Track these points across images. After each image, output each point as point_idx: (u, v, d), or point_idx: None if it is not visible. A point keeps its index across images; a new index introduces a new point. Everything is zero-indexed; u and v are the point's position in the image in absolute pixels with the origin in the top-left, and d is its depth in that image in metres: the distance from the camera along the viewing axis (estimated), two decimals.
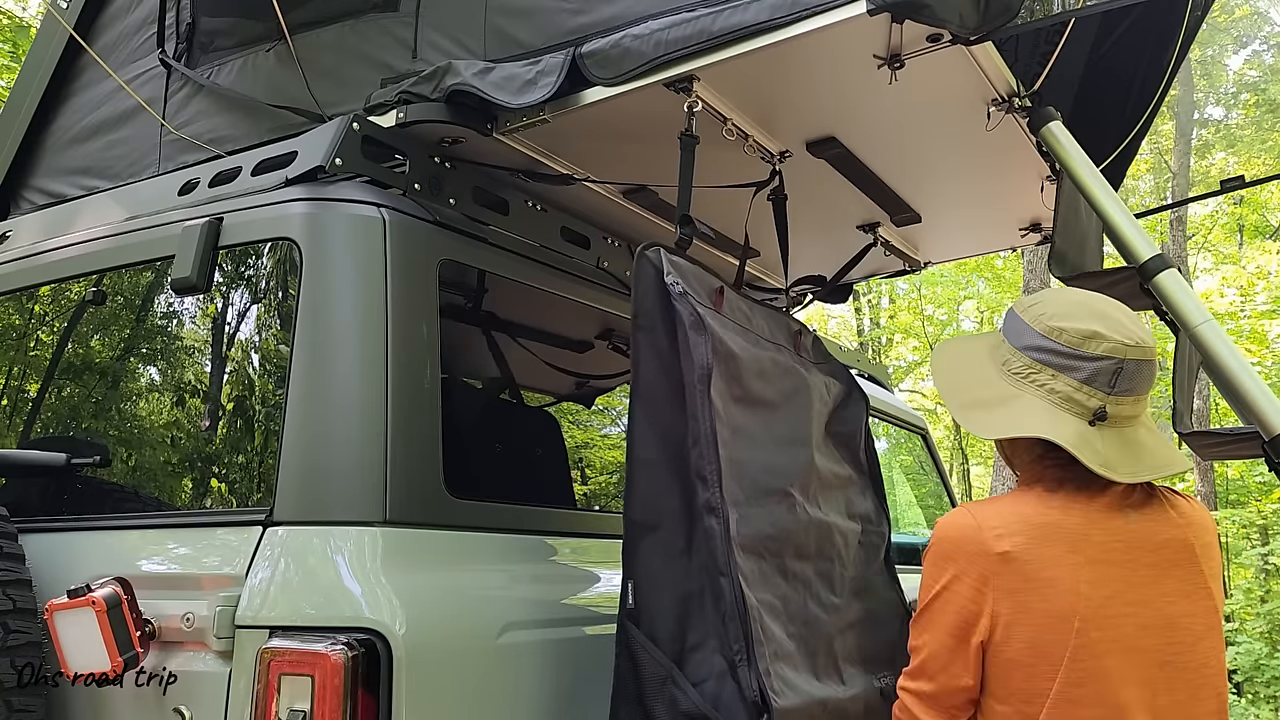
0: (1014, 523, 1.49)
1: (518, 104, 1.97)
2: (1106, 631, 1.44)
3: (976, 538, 1.48)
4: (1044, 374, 1.56)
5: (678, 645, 1.68)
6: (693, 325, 1.74)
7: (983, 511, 1.52)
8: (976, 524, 1.50)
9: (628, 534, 1.71)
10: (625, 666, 1.67)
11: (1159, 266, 1.94)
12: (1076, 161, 2.12)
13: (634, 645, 1.66)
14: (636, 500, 1.72)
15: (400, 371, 1.74)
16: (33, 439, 2.19)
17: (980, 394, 1.62)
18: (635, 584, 1.69)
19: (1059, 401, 1.54)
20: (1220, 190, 2.85)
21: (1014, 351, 1.60)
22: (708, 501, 1.68)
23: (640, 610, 1.68)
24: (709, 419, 1.71)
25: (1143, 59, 2.79)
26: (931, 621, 1.52)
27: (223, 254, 1.93)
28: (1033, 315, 1.60)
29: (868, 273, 3.30)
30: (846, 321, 20.00)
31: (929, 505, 4.41)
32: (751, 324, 2.07)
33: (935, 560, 1.53)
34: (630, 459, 1.73)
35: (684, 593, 1.70)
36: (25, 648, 1.67)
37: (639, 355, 1.76)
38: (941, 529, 1.54)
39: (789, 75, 1.98)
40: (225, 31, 2.64)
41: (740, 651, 1.64)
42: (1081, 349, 1.53)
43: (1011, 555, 1.46)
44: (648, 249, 1.81)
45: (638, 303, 1.77)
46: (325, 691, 1.44)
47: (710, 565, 1.68)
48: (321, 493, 1.65)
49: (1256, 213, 17.17)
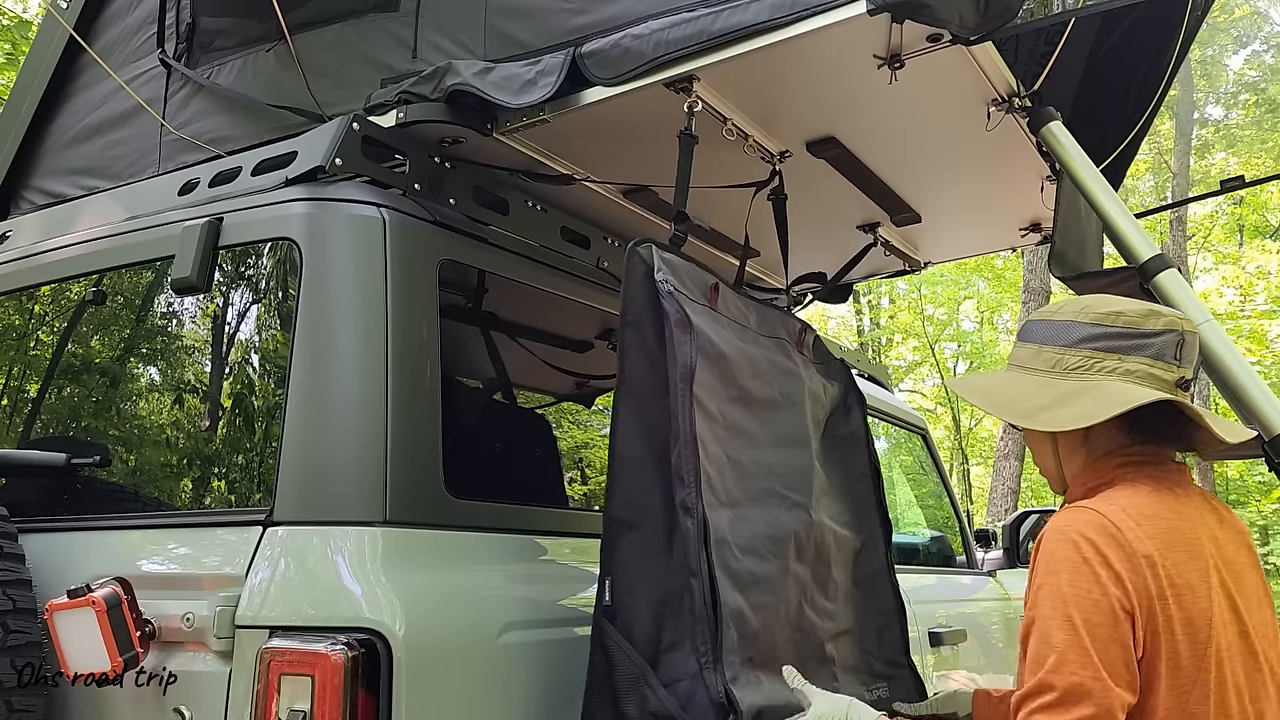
0: (1144, 523, 1.39)
1: (518, 104, 1.97)
2: (1222, 640, 1.38)
3: (1121, 538, 1.36)
4: (1110, 360, 1.50)
5: (653, 645, 1.68)
6: (678, 324, 1.74)
7: (1106, 509, 1.40)
8: (1116, 524, 1.37)
9: (607, 530, 1.71)
10: (600, 664, 1.67)
11: (1159, 266, 1.94)
12: (1076, 161, 2.12)
13: (609, 643, 1.66)
14: (618, 497, 1.72)
15: (400, 371, 1.74)
16: (33, 439, 2.19)
17: (1041, 399, 1.53)
18: (613, 581, 1.69)
19: (1139, 380, 1.47)
20: (1220, 190, 2.85)
21: (1064, 350, 1.54)
22: (684, 501, 1.68)
23: (617, 608, 1.68)
24: (690, 419, 1.71)
25: (1143, 59, 2.79)
26: (1087, 634, 1.31)
27: (223, 254, 1.93)
28: (1071, 313, 1.56)
29: (868, 273, 3.30)
30: (846, 321, 20.00)
31: (929, 505, 4.40)
32: (748, 322, 2.06)
33: (1077, 565, 1.34)
34: (613, 455, 1.73)
35: (662, 592, 1.69)
36: (25, 648, 1.67)
37: (625, 352, 1.76)
38: (1077, 529, 1.38)
39: (789, 75, 1.98)
40: (225, 31, 2.64)
41: (707, 654, 1.63)
42: (1143, 326, 1.50)
43: (1153, 559, 1.36)
44: (639, 245, 1.81)
45: (626, 299, 1.77)
46: (325, 691, 1.44)
47: (684, 565, 1.67)
48: (321, 493, 1.65)
49: (1256, 213, 17.17)
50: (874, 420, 3.84)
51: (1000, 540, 4.31)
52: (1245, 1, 17.63)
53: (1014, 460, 11.15)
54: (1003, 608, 4.06)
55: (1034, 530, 4.22)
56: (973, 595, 3.93)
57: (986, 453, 18.97)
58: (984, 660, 3.69)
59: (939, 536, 4.23)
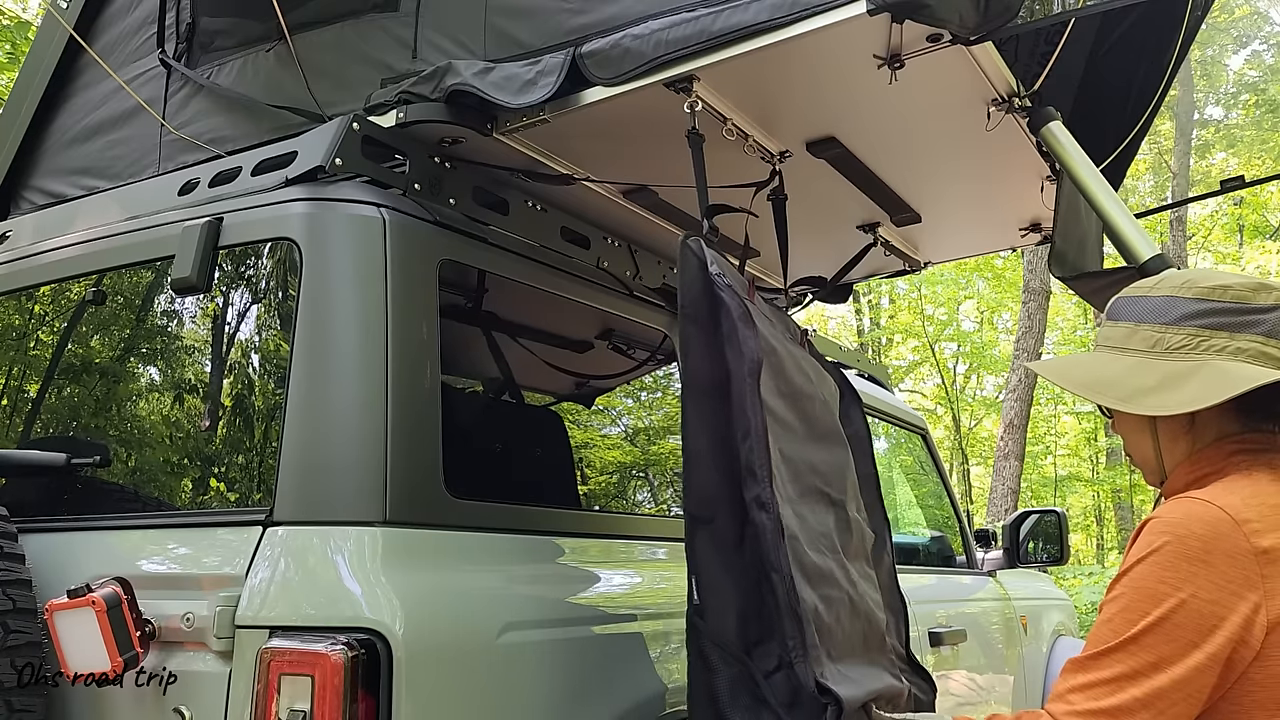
0: (1268, 514, 1.27)
1: (518, 104, 1.97)
2: None
3: (1234, 532, 1.25)
4: (1218, 338, 1.37)
5: (744, 640, 1.65)
6: (741, 318, 1.72)
7: (1225, 501, 1.29)
8: (1228, 515, 1.26)
9: (687, 527, 1.69)
10: (697, 665, 1.64)
11: (1159, 266, 1.94)
12: (1076, 161, 2.12)
13: (704, 643, 1.64)
14: (692, 494, 1.69)
15: (400, 371, 1.74)
16: (33, 439, 2.19)
17: (1143, 381, 1.40)
18: (698, 580, 1.66)
19: (1252, 358, 1.35)
20: (1220, 190, 2.85)
21: (1165, 329, 1.41)
22: (758, 497, 1.65)
23: (706, 607, 1.65)
24: (760, 413, 1.68)
25: (1143, 59, 2.79)
26: (1170, 638, 1.23)
27: (223, 254, 1.93)
28: (1171, 288, 1.44)
29: (868, 273, 3.31)
30: (846, 321, 20.01)
31: (929, 505, 4.41)
32: (774, 321, 2.07)
33: (1174, 562, 1.25)
34: (685, 451, 1.70)
35: (744, 588, 1.67)
36: (25, 648, 1.67)
37: (688, 346, 1.73)
38: (1181, 524, 1.27)
39: (789, 75, 1.98)
40: (225, 31, 2.64)
41: (796, 647, 1.62)
42: (1253, 301, 1.38)
43: (1276, 553, 1.24)
44: (689, 239, 1.79)
45: (684, 292, 1.75)
46: (325, 691, 1.44)
47: (761, 561, 1.65)
48: (321, 493, 1.65)
49: (1256, 213, 17.17)
50: (874, 420, 3.84)
51: (1000, 540, 4.31)
52: (1245, 1, 17.64)
53: (1014, 460, 11.16)
54: (1002, 608, 4.07)
55: (1034, 530, 4.22)
56: (973, 595, 3.93)
57: (986, 453, 18.98)
58: (984, 660, 3.69)
59: (939, 536, 4.23)
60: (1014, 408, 11.28)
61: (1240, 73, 18.26)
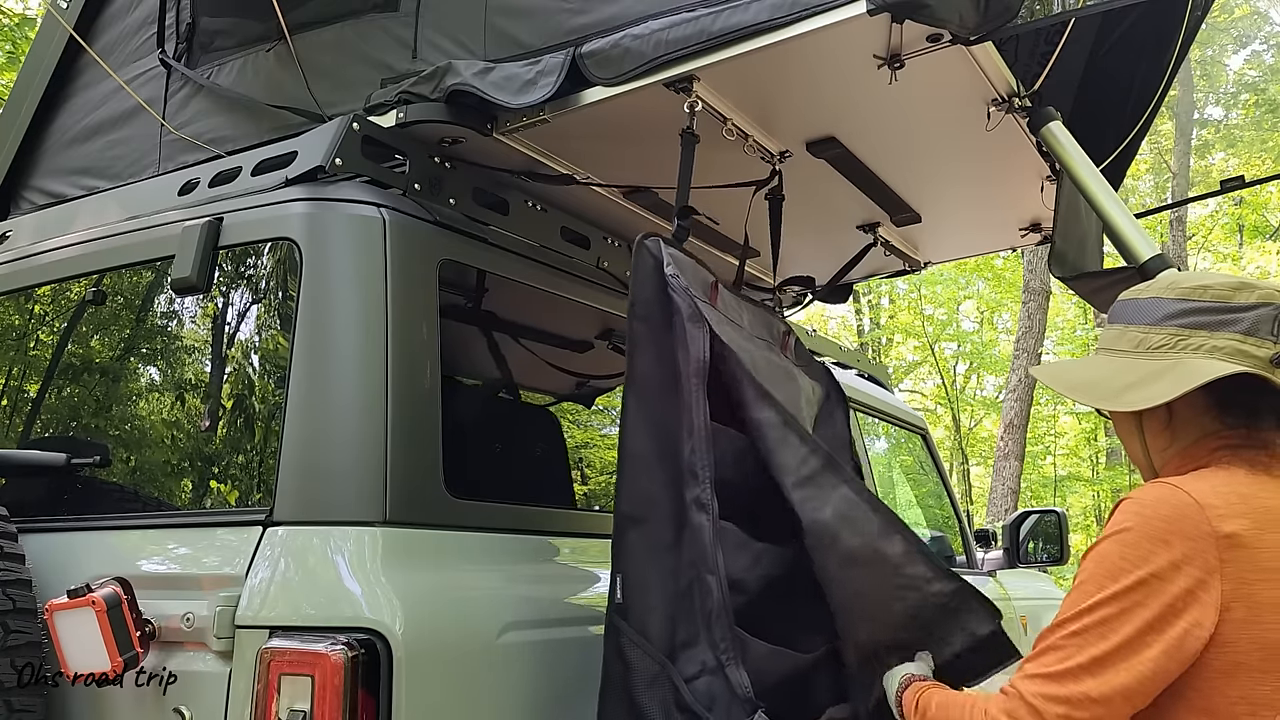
0: (1235, 502, 1.30)
1: (518, 104, 1.97)
2: None
3: (1197, 515, 1.27)
4: (1196, 336, 1.40)
5: (669, 641, 1.67)
6: (690, 317, 1.73)
7: (1194, 487, 1.31)
8: (1194, 500, 1.29)
9: (617, 526, 1.70)
10: (614, 662, 1.65)
11: (1159, 266, 1.94)
12: (1076, 161, 2.12)
13: (624, 641, 1.65)
14: (626, 492, 1.71)
15: (400, 371, 1.74)
16: (33, 439, 2.19)
17: (1127, 379, 1.44)
18: (624, 578, 1.68)
19: (1227, 355, 1.37)
20: (1220, 190, 2.85)
21: (1148, 329, 1.45)
22: (699, 498, 1.67)
23: (629, 605, 1.67)
24: (703, 413, 1.70)
25: (1143, 59, 2.79)
26: (1129, 616, 1.25)
27: (223, 254, 1.93)
28: (1157, 289, 1.48)
29: (868, 273, 3.31)
30: (846, 321, 20.01)
31: (929, 505, 4.41)
32: (743, 321, 2.07)
33: (1138, 541, 1.28)
34: (622, 450, 1.72)
35: (674, 589, 1.68)
36: (25, 648, 1.67)
37: (635, 345, 1.75)
38: (1148, 505, 1.30)
39: (789, 75, 1.98)
40: (225, 31, 2.64)
41: (727, 649, 1.63)
42: (1232, 300, 1.40)
43: (1240, 539, 1.27)
44: (646, 239, 1.81)
45: (635, 292, 1.77)
46: (325, 691, 1.44)
47: (698, 561, 1.66)
48: (321, 493, 1.65)
49: (1256, 213, 17.17)
50: (874, 420, 3.84)
51: (1000, 540, 4.31)
52: (1245, 1, 17.64)
53: (1014, 460, 11.16)
54: (1002, 608, 4.06)
55: (1034, 530, 4.22)
56: None
57: (986, 453, 18.98)
58: None
59: (939, 536, 4.23)
60: (1014, 408, 11.28)
61: (1240, 73, 18.27)
